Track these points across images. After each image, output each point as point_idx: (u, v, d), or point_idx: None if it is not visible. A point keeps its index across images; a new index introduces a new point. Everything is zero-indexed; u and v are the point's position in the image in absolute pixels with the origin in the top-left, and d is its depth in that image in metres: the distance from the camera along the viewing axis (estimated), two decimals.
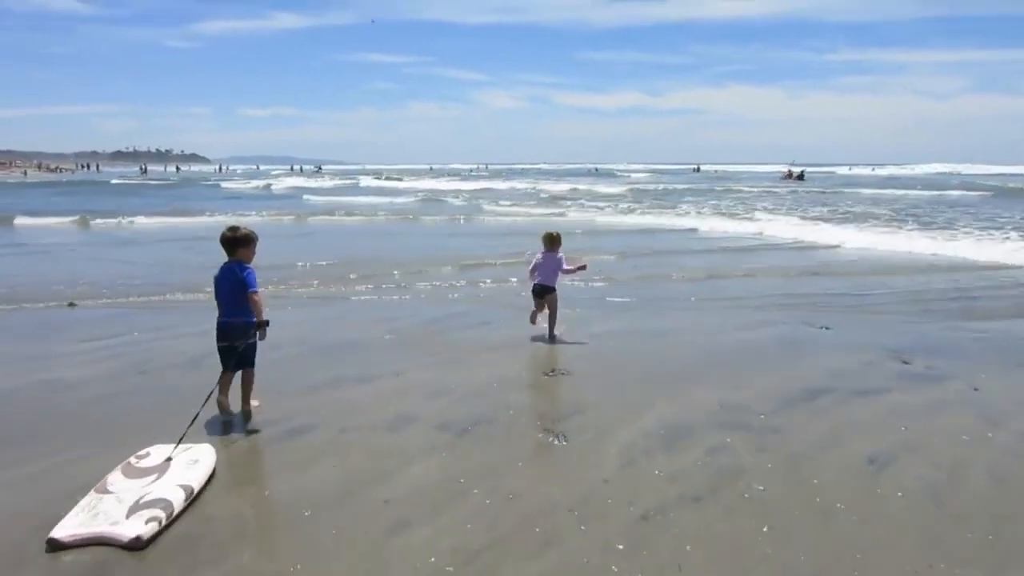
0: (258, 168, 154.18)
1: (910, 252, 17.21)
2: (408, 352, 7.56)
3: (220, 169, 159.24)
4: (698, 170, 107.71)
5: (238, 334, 5.37)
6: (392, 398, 6.06)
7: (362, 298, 11.10)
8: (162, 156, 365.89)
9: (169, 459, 4.44)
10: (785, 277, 13.42)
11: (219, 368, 5.49)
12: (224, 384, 5.46)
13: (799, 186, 53.34)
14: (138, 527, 3.68)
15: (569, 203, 35.60)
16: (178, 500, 3.99)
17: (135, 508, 3.84)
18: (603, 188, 49.76)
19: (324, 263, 14.34)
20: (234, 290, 5.35)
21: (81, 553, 3.59)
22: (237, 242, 5.44)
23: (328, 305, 10.45)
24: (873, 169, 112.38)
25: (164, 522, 3.81)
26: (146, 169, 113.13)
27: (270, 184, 58.79)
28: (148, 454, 4.54)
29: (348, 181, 67.06)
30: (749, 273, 13.68)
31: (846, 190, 47.01)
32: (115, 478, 4.21)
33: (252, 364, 5.60)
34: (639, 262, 15.17)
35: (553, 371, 6.89)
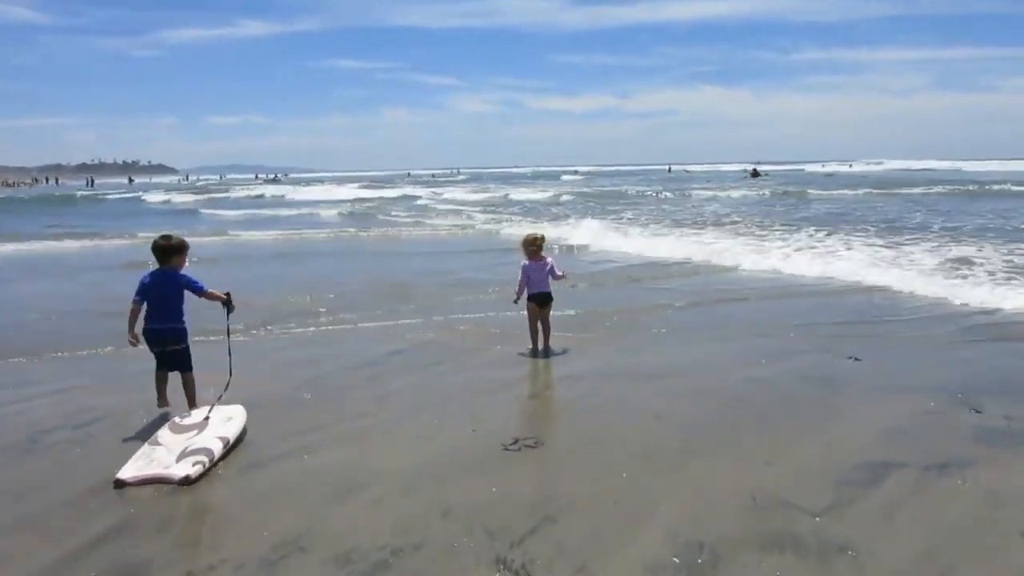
0: (221, 178, 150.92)
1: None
2: (323, 415, 5.70)
3: (187, 178, 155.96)
4: (670, 171, 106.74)
5: (171, 339, 5.55)
6: (276, 506, 4.18)
7: (277, 336, 8.67)
8: (128, 167, 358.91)
9: (207, 417, 5.20)
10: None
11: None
12: (159, 381, 5.67)
13: (753, 185, 50.57)
14: (187, 468, 4.49)
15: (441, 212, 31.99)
16: (217, 448, 4.80)
17: (183, 455, 4.66)
18: (534, 194, 45.82)
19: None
20: (170, 296, 5.50)
21: (142, 489, 4.38)
22: (172, 250, 5.58)
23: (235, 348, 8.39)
24: (851, 166, 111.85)
25: (207, 465, 4.62)
26: (93, 182, 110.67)
27: (168, 199, 50.76)
28: (190, 414, 5.35)
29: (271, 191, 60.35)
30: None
31: (791, 188, 43.33)
32: (163, 434, 5.01)
33: (189, 368, 5.69)
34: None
35: (515, 442, 5.03)
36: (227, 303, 5.59)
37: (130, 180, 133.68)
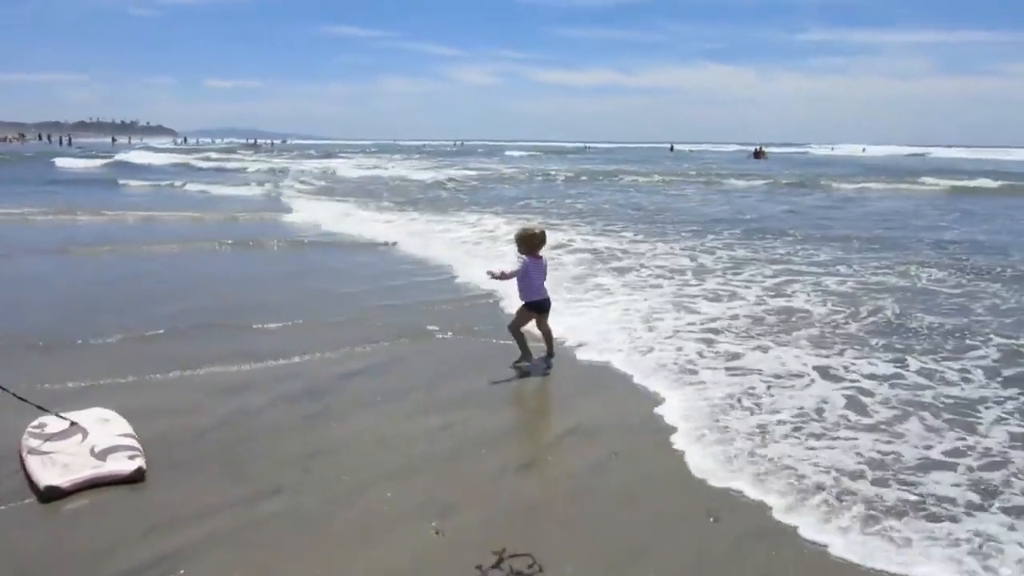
0: (213, 141, 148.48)
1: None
2: (221, 487, 3.87)
3: (185, 141, 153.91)
4: (672, 149, 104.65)
5: None
6: None
7: (194, 346, 6.49)
8: (127, 127, 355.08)
9: (74, 423, 4.31)
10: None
11: None
12: None
13: (754, 172, 47.29)
14: (134, 463, 3.98)
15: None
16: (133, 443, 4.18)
17: (104, 454, 4.00)
18: (460, 172, 39.21)
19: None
20: None
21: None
22: None
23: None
24: (864, 149, 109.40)
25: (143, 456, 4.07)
26: (71, 141, 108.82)
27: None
28: (46, 424, 4.34)
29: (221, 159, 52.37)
30: None
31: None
32: (37, 443, 4.13)
33: None
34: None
35: (500, 562, 3.22)
36: None
37: (113, 140, 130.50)
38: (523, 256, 6.17)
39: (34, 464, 3.96)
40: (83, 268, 11.25)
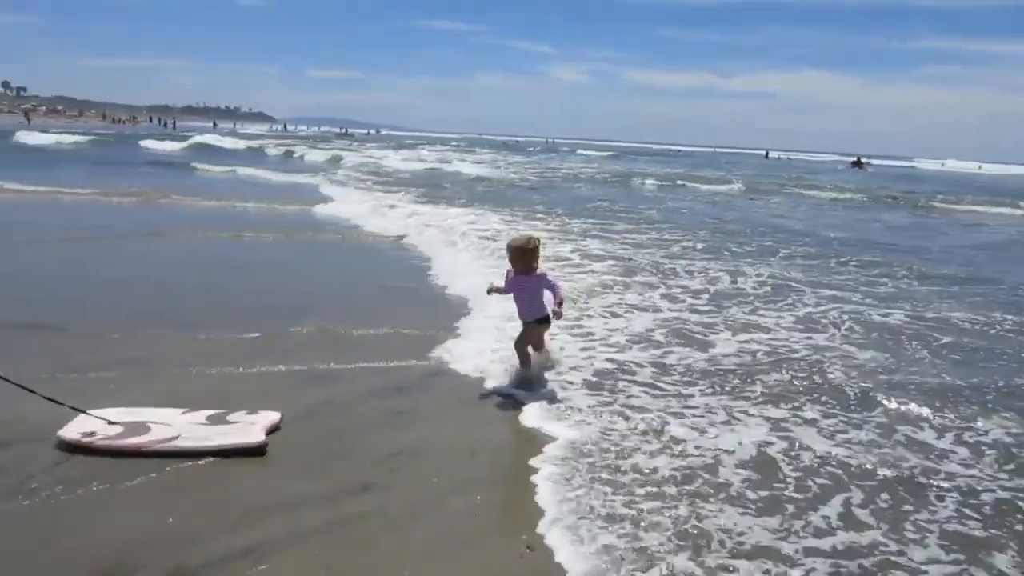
0: (307, 128, 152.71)
1: None
2: None
3: (284, 127, 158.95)
4: (767, 156, 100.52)
5: None
6: None
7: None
8: (230, 113, 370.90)
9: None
10: None
11: None
12: None
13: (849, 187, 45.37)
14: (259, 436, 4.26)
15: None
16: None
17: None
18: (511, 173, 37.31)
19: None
20: None
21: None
22: None
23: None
24: (980, 167, 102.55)
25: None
26: (175, 124, 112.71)
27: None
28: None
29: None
30: None
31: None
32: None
33: None
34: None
35: None
36: None
37: (214, 124, 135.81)
38: (506, 273, 5.68)
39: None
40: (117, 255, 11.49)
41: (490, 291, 5.84)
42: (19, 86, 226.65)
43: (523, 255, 5.51)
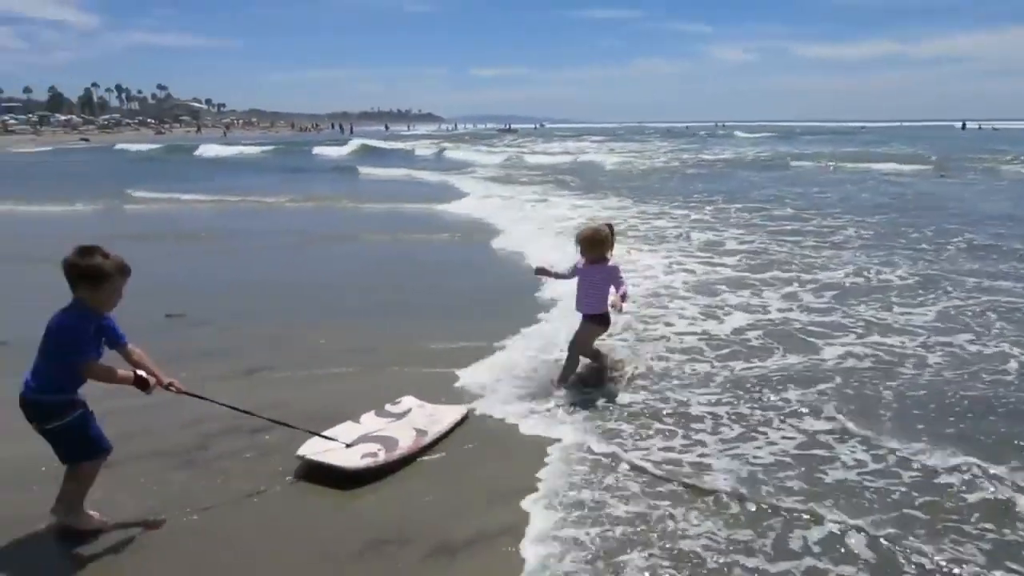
0: (476, 126, 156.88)
1: None
2: None
3: (455, 126, 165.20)
4: (964, 127, 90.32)
5: (35, 415, 3.37)
6: None
7: None
8: (403, 116, 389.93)
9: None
10: None
11: None
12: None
13: None
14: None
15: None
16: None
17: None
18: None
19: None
20: (49, 348, 3.32)
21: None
22: (82, 273, 3.30)
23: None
24: None
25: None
26: (352, 129, 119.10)
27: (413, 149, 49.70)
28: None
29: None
30: None
31: None
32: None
33: (81, 456, 3.44)
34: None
35: None
36: (141, 384, 3.43)
37: (386, 127, 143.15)
38: (577, 261, 5.41)
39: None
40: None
41: (539, 272, 5.67)
42: (220, 103, 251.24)
43: (593, 245, 5.28)
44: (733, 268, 9.41)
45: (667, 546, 3.32)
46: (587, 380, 5.36)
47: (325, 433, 4.23)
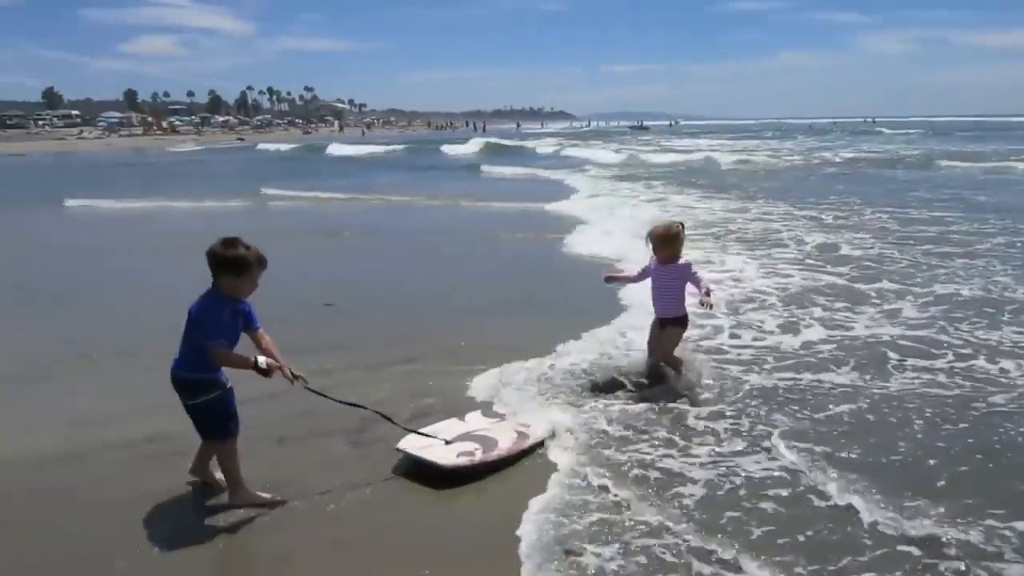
0: (613, 123, 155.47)
1: None
2: None
3: (588, 123, 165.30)
4: None
5: (180, 390, 3.71)
6: None
7: None
8: (535, 114, 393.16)
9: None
10: None
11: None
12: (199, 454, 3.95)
13: None
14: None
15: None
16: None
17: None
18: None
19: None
20: (188, 331, 3.63)
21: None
22: (218, 264, 3.58)
23: None
24: None
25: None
26: (485, 127, 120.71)
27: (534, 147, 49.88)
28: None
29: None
30: None
31: None
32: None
33: (210, 434, 3.77)
34: None
35: None
36: (261, 371, 3.63)
37: (517, 125, 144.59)
38: (649, 261, 5.30)
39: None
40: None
41: (608, 279, 5.65)
42: (361, 103, 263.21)
43: (665, 242, 5.13)
44: (840, 276, 8.74)
45: None
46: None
47: (425, 430, 4.28)
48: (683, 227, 5.24)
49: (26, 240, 13.89)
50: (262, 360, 3.61)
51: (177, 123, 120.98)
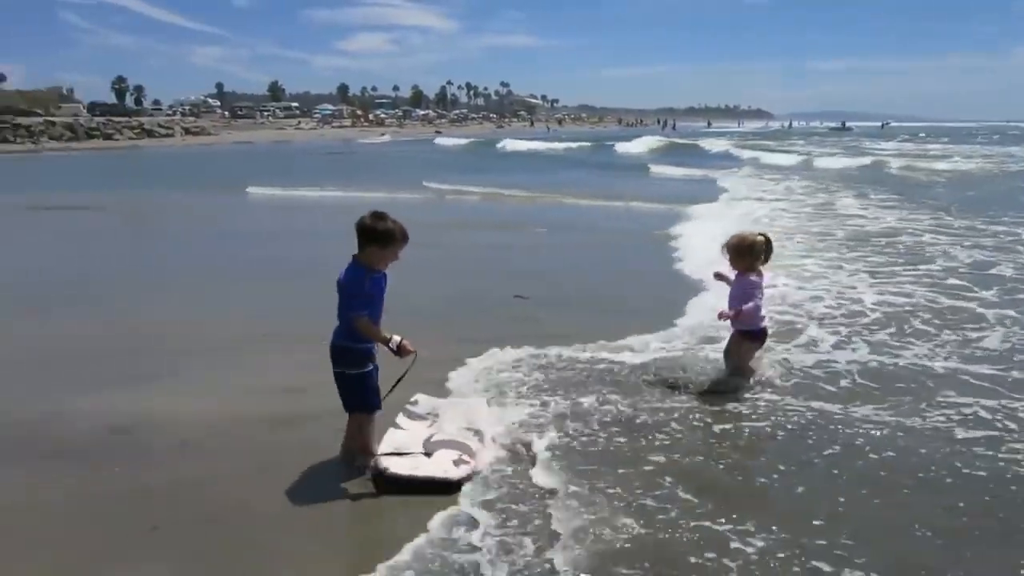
0: (814, 123, 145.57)
1: None
2: None
3: (790, 124, 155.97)
4: None
5: (336, 359, 3.92)
6: None
7: None
8: (730, 112, 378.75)
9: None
10: None
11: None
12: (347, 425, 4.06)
13: None
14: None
15: None
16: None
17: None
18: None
19: None
20: (340, 301, 3.87)
21: None
22: (367, 235, 3.82)
23: None
24: None
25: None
26: (675, 125, 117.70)
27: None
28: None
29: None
30: None
31: None
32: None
33: (357, 406, 3.95)
34: None
35: None
36: (399, 351, 3.82)
37: (708, 124, 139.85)
38: (749, 276, 5.13)
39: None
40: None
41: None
42: (553, 98, 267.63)
43: (738, 253, 5.11)
44: (969, 300, 7.75)
45: None
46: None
47: (383, 449, 3.98)
48: (767, 239, 5.12)
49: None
50: (396, 339, 3.78)
51: (383, 115, 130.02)
